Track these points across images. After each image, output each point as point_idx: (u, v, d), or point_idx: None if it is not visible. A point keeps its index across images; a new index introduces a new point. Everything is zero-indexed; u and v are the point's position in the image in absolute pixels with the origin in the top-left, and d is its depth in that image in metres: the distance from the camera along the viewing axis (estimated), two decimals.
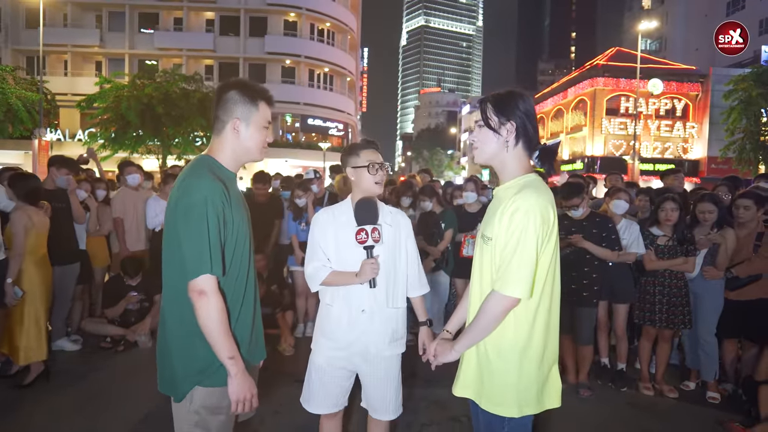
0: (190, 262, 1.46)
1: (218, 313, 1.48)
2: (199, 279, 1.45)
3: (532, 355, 1.52)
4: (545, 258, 1.49)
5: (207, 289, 1.46)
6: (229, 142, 1.65)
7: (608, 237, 3.52)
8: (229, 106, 1.63)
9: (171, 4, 26.59)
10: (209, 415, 1.56)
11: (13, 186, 3.49)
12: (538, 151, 1.61)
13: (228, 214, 1.55)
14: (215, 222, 1.49)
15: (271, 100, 1.72)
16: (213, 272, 1.46)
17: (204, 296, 1.46)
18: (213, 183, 1.52)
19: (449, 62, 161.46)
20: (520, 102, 1.56)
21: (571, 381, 3.71)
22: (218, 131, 1.65)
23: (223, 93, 1.64)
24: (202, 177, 1.52)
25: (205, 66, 27.51)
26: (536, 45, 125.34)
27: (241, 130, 1.63)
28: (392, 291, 2.06)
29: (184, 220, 1.47)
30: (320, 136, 29.33)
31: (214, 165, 1.62)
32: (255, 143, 1.67)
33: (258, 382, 3.36)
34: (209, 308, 1.47)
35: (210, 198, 1.48)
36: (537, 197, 1.47)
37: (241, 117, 1.63)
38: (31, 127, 19.83)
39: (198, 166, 1.59)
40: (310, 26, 28.81)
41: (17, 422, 2.96)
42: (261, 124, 1.66)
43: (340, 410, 2.13)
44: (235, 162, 1.69)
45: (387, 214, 2.10)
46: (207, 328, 1.48)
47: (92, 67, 26.84)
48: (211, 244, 1.46)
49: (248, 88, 1.66)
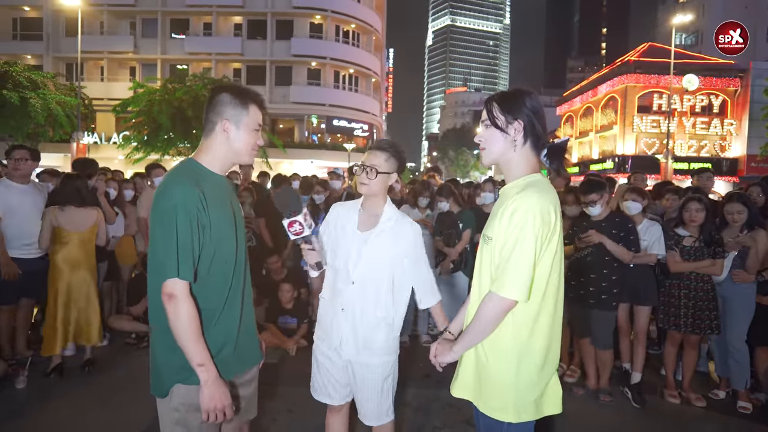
0: (162, 265, 1.49)
1: (187, 318, 1.49)
2: (167, 283, 1.48)
3: (533, 360, 1.48)
4: (546, 260, 1.46)
5: (176, 292, 1.48)
6: (218, 143, 1.66)
7: (626, 237, 3.41)
8: (219, 108, 1.65)
9: (201, 9, 27.29)
10: (189, 412, 1.58)
11: (60, 185, 3.67)
12: (546, 149, 1.57)
13: (204, 218, 1.56)
14: (186, 227, 1.50)
15: (262, 103, 1.73)
16: (181, 277, 1.48)
17: (173, 300, 1.48)
18: (188, 188, 1.53)
19: (476, 61, 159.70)
20: (527, 100, 1.52)
21: (592, 386, 3.62)
22: (208, 132, 1.67)
23: (215, 95, 1.67)
24: (178, 182, 1.54)
25: (234, 69, 28.13)
26: (565, 42, 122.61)
27: (230, 131, 1.65)
28: (373, 298, 2.01)
29: (157, 224, 1.51)
30: (345, 137, 29.52)
31: (196, 169, 1.64)
32: (244, 145, 1.68)
33: (269, 380, 3.40)
34: (177, 312, 1.49)
35: (182, 203, 1.50)
36: (538, 197, 1.43)
37: (230, 118, 1.64)
38: (70, 131, 20.76)
39: (177, 172, 1.61)
40: (335, 28, 29.05)
41: (46, 413, 3.10)
42: (251, 126, 1.67)
43: (342, 404, 2.12)
44: (222, 164, 1.70)
45: (388, 221, 2.05)
46: (175, 331, 1.50)
47: (127, 72, 27.83)
48: (179, 249, 1.48)
49: (240, 91, 1.68)
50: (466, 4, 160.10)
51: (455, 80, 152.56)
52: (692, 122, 23.43)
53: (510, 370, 1.48)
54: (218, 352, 1.62)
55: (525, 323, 1.47)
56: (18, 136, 19.83)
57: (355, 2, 29.68)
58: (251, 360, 1.79)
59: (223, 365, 1.63)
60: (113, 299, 4.88)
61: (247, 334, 1.76)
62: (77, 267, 3.61)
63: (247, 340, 1.76)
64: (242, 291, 1.74)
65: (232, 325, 1.69)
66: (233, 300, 1.69)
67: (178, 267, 1.48)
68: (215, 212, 1.60)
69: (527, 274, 1.41)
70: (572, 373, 3.95)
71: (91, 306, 3.65)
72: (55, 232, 3.53)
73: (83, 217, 3.63)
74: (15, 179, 3.70)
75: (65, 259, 3.57)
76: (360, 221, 2.06)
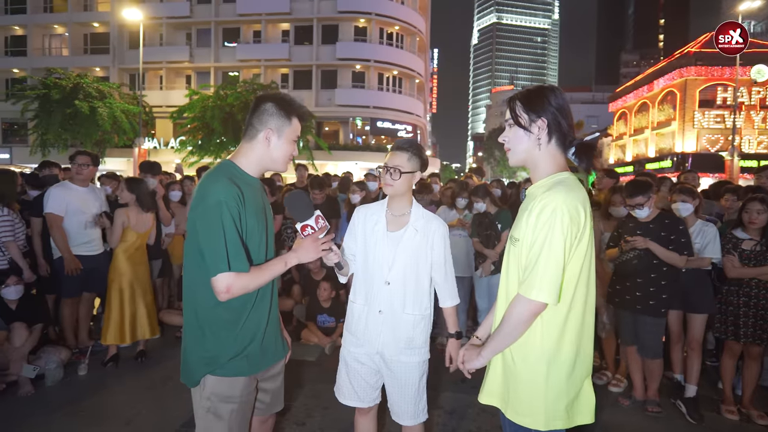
0: (210, 261, 1.55)
1: (251, 285, 1.61)
2: (218, 278, 1.54)
3: (562, 365, 1.44)
4: (576, 261, 1.41)
5: (230, 285, 1.55)
6: (258, 149, 1.73)
7: (677, 240, 3.19)
8: (264, 116, 1.72)
9: (251, 18, 28.32)
10: (220, 402, 1.65)
11: (130, 188, 3.93)
12: (574, 147, 1.52)
13: (243, 216, 1.63)
14: (231, 222, 1.56)
15: (304, 116, 1.80)
16: (231, 269, 1.55)
17: (229, 293, 1.56)
18: (228, 186, 1.59)
19: (522, 59, 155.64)
20: (551, 97, 1.48)
21: (639, 397, 3.43)
22: (250, 138, 1.74)
23: (261, 103, 1.74)
24: (218, 181, 1.60)
25: (281, 74, 28.97)
26: (619, 35, 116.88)
27: (272, 140, 1.72)
28: (410, 297, 2.03)
29: (201, 223, 1.57)
30: (389, 139, 29.64)
31: (234, 170, 1.71)
32: (282, 154, 1.76)
33: (306, 378, 3.46)
34: (243, 291, 1.58)
35: (225, 200, 1.56)
36: (566, 195, 1.38)
37: (274, 128, 1.72)
38: (133, 137, 22.26)
39: (216, 171, 1.68)
40: (379, 30, 29.26)
41: (103, 398, 3.36)
42: (291, 137, 1.76)
43: (371, 406, 2.14)
44: (258, 168, 1.77)
45: (418, 219, 2.06)
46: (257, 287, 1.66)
47: (183, 80, 29.36)
48: (228, 244, 1.54)
49: (285, 102, 1.75)
50: (512, 1, 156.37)
51: (501, 79, 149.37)
52: (762, 116, 21.65)
53: (539, 376, 1.44)
54: (245, 347, 1.69)
55: (554, 326, 1.43)
56: (87, 142, 21.49)
57: (398, 4, 29.76)
58: (276, 356, 1.85)
59: (249, 361, 1.70)
60: (165, 295, 5.17)
61: (273, 331, 1.82)
62: (136, 265, 3.86)
63: (273, 337, 1.82)
64: (270, 290, 1.81)
65: (261, 323, 1.75)
66: (263, 298, 1.75)
67: (229, 262, 1.54)
68: (248, 212, 1.66)
69: (557, 275, 1.37)
70: (618, 382, 3.77)
71: (146, 301, 3.89)
72: (123, 231, 3.80)
73: (145, 220, 3.90)
74: (76, 182, 4.01)
75: (126, 257, 3.83)
76: (389, 222, 2.08)
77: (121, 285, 3.81)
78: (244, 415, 1.72)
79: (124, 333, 3.79)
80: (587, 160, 1.51)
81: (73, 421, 3.00)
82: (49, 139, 20.69)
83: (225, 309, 1.65)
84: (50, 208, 3.82)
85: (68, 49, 29.25)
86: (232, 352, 1.66)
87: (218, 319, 1.65)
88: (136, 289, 3.85)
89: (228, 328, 1.66)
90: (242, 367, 1.68)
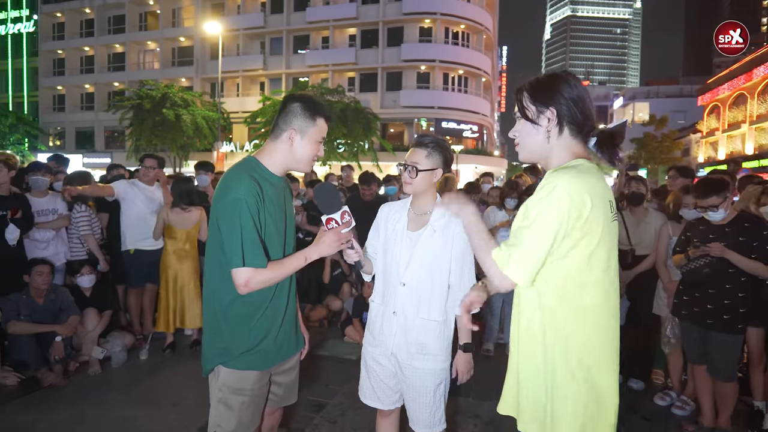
0: (228, 256, 1.60)
1: (270, 280, 1.64)
2: (237, 273, 1.58)
3: (569, 373, 1.30)
4: (578, 256, 1.26)
5: (248, 279, 1.59)
6: (282, 149, 1.75)
7: (761, 247, 2.79)
8: (290, 117, 1.74)
9: (319, 25, 29.32)
10: (231, 394, 1.69)
11: (172, 187, 4.26)
12: (595, 136, 1.37)
13: (262, 213, 1.65)
14: (249, 219, 1.59)
15: (329, 118, 1.80)
16: (246, 265, 1.58)
17: (248, 287, 1.60)
18: (249, 183, 1.62)
19: (599, 52, 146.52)
20: (563, 86, 1.35)
21: (707, 423, 3.04)
22: (275, 137, 1.77)
23: (288, 104, 1.76)
24: (238, 178, 1.64)
25: (348, 78, 29.68)
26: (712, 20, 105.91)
27: (295, 140, 1.74)
28: (425, 300, 1.95)
29: (223, 218, 1.62)
30: (454, 139, 29.26)
31: (256, 167, 1.74)
32: (305, 154, 1.76)
33: (343, 376, 3.47)
34: (261, 285, 1.62)
35: (244, 197, 1.59)
36: (573, 178, 1.24)
37: (297, 129, 1.73)
38: (212, 141, 23.99)
39: (238, 168, 1.72)
40: (444, 30, 28.98)
41: (160, 382, 3.63)
42: (315, 138, 1.76)
43: (391, 410, 2.09)
44: (281, 167, 1.79)
45: (439, 219, 1.97)
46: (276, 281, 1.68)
47: (257, 87, 31.07)
48: (244, 240, 1.58)
49: (310, 103, 1.76)
50: None
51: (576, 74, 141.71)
52: None
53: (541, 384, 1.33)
54: (259, 342, 1.72)
55: (557, 334, 1.31)
56: (172, 147, 23.52)
57: (464, 2, 29.29)
58: (291, 350, 1.87)
59: (262, 355, 1.72)
60: None
61: (289, 326, 1.84)
62: (183, 259, 4.12)
63: (289, 332, 1.84)
64: (288, 285, 1.82)
65: (277, 318, 1.77)
66: (280, 294, 1.77)
67: (244, 256, 1.58)
68: (268, 209, 1.69)
69: (535, 256, 1.23)
70: (683, 404, 3.37)
71: (194, 293, 4.13)
72: (166, 227, 4.08)
73: (188, 217, 4.14)
74: (143, 182, 4.37)
75: (173, 251, 4.10)
76: (410, 221, 2.02)
77: (168, 277, 4.08)
78: (255, 408, 1.75)
79: (169, 321, 4.05)
80: (610, 150, 1.36)
81: (129, 400, 3.27)
82: (141, 144, 22.87)
83: (242, 303, 1.68)
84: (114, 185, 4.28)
85: (159, 62, 32.16)
86: (246, 346, 1.70)
87: (234, 313, 1.69)
88: (182, 282, 4.09)
89: (243, 322, 1.70)
90: (255, 361, 1.71)
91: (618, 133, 1.38)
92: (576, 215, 1.23)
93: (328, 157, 21.37)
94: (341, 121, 20.02)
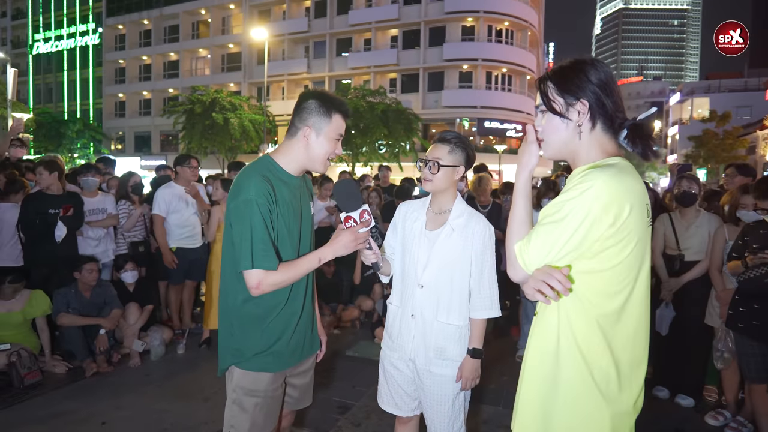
0: (238, 257, 1.57)
1: (282, 281, 1.60)
2: (249, 274, 1.55)
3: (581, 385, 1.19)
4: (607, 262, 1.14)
5: (260, 281, 1.56)
6: (297, 147, 1.71)
7: None
8: (305, 114, 1.69)
9: (361, 27, 29.60)
10: (244, 395, 1.67)
11: (224, 186, 4.39)
12: (626, 129, 1.23)
13: (274, 213, 1.62)
14: (260, 220, 1.56)
15: (347, 113, 1.74)
16: (255, 267, 1.55)
17: (260, 288, 1.57)
18: (260, 184, 1.58)
19: (655, 45, 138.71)
20: (591, 72, 1.21)
21: None
22: (290, 135, 1.73)
23: (303, 101, 1.71)
24: (251, 178, 1.61)
25: (390, 79, 29.76)
26: None
27: (311, 138, 1.69)
28: (444, 303, 1.87)
29: (234, 218, 1.59)
30: (498, 139, 28.66)
31: (270, 166, 1.70)
32: (321, 153, 1.71)
33: (372, 380, 3.43)
34: (273, 287, 1.58)
35: (255, 198, 1.56)
36: (612, 178, 1.11)
37: (313, 126, 1.68)
38: (258, 144, 24.78)
39: (252, 168, 1.68)
40: (487, 28, 28.44)
41: (193, 374, 3.74)
42: (331, 135, 1.70)
43: (410, 417, 2.02)
44: (297, 166, 1.74)
45: (458, 218, 1.88)
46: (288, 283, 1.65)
47: (301, 90, 31.60)
48: (254, 241, 1.55)
49: (326, 99, 1.71)
50: None
51: (628, 70, 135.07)
52: None
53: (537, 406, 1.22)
54: (273, 344, 1.69)
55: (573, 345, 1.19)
56: (221, 149, 24.51)
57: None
58: (306, 352, 1.84)
59: (275, 357, 1.69)
60: None
61: (305, 328, 1.80)
62: None
63: (304, 334, 1.81)
64: (305, 287, 1.78)
65: (291, 321, 1.73)
66: (295, 296, 1.74)
67: (253, 258, 1.54)
68: (281, 209, 1.65)
69: (554, 253, 1.14)
70: (739, 426, 3.07)
71: None
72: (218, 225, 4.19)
73: None
74: (180, 182, 4.51)
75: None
76: (428, 220, 1.95)
77: (217, 274, 4.19)
78: (269, 410, 1.72)
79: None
80: (643, 143, 1.21)
81: (164, 393, 3.39)
82: (193, 147, 23.95)
83: (255, 304, 1.66)
84: (155, 209, 4.37)
85: (209, 68, 33.66)
86: (258, 347, 1.67)
87: (247, 314, 1.67)
88: None
89: (255, 324, 1.67)
90: (268, 363, 1.68)
91: (648, 124, 1.24)
92: (611, 220, 1.11)
93: (369, 157, 21.55)
94: (382, 122, 20.11)
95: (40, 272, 3.93)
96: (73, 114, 33.17)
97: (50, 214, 3.85)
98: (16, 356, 3.38)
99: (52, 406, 3.16)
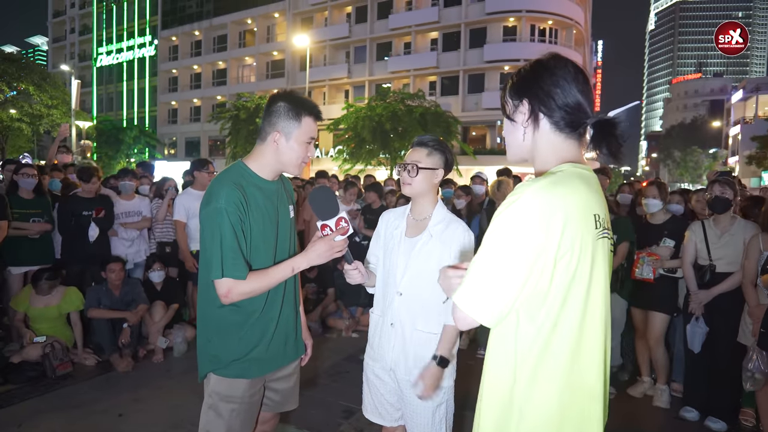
0: (209, 264, 1.57)
1: (252, 291, 1.58)
2: (218, 283, 1.55)
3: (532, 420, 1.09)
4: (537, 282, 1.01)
5: (229, 289, 1.55)
6: (268, 152, 1.68)
7: None
8: (273, 118, 1.66)
9: (401, 31, 29.67)
10: (220, 401, 1.68)
11: None
12: (592, 129, 1.12)
13: (246, 221, 1.60)
14: (229, 229, 1.54)
15: (318, 115, 1.70)
16: (225, 275, 1.54)
17: (230, 296, 1.56)
18: (230, 192, 1.56)
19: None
20: (541, 71, 1.15)
21: None
22: (261, 140, 1.69)
23: (272, 104, 1.68)
24: (222, 186, 1.59)
25: (429, 82, 29.65)
26: None
27: (280, 143, 1.65)
28: (423, 311, 1.82)
29: (204, 225, 1.59)
30: None
31: (243, 172, 1.68)
32: (292, 157, 1.68)
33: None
34: (243, 296, 1.57)
35: (225, 206, 1.54)
36: (541, 190, 1.01)
37: (281, 130, 1.65)
38: None
39: (224, 175, 1.67)
40: (530, 28, 27.75)
41: None
42: (302, 139, 1.66)
43: (394, 427, 1.99)
44: (270, 171, 1.72)
45: (437, 224, 1.84)
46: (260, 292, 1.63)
47: (342, 95, 32.28)
48: (223, 250, 1.53)
49: (296, 102, 1.66)
50: None
51: (685, 67, 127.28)
52: None
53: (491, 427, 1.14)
54: (249, 351, 1.68)
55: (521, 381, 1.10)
56: None
57: None
58: (288, 358, 1.84)
59: (253, 364, 1.70)
60: None
61: (284, 334, 1.79)
62: None
63: (284, 340, 1.80)
64: (282, 294, 1.77)
65: (268, 327, 1.72)
66: (272, 303, 1.72)
67: (223, 267, 1.53)
68: (253, 216, 1.63)
69: (495, 289, 1.00)
70: None
71: None
72: None
73: None
74: (197, 187, 4.63)
75: None
76: (408, 226, 1.92)
77: None
78: (246, 416, 1.71)
79: None
80: (609, 142, 1.09)
81: (183, 389, 3.52)
82: (238, 152, 24.87)
83: (230, 311, 1.65)
84: (176, 215, 4.53)
85: (255, 75, 34.90)
86: (235, 354, 1.66)
87: (223, 321, 1.66)
88: None
89: (232, 331, 1.66)
90: (245, 369, 1.68)
91: (618, 123, 1.10)
92: (541, 238, 0.99)
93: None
94: (420, 125, 20.05)
95: (74, 269, 4.21)
96: (130, 121, 35.44)
97: (84, 216, 4.12)
98: (49, 348, 3.63)
99: (78, 396, 3.36)
